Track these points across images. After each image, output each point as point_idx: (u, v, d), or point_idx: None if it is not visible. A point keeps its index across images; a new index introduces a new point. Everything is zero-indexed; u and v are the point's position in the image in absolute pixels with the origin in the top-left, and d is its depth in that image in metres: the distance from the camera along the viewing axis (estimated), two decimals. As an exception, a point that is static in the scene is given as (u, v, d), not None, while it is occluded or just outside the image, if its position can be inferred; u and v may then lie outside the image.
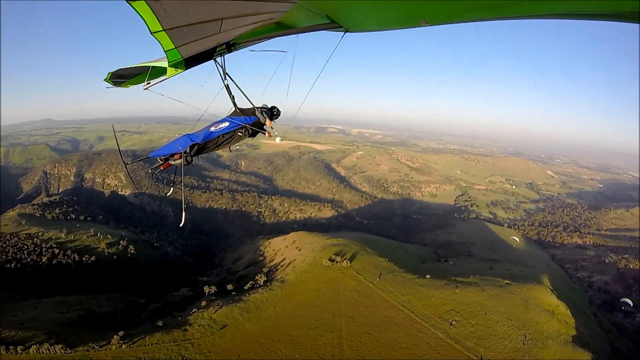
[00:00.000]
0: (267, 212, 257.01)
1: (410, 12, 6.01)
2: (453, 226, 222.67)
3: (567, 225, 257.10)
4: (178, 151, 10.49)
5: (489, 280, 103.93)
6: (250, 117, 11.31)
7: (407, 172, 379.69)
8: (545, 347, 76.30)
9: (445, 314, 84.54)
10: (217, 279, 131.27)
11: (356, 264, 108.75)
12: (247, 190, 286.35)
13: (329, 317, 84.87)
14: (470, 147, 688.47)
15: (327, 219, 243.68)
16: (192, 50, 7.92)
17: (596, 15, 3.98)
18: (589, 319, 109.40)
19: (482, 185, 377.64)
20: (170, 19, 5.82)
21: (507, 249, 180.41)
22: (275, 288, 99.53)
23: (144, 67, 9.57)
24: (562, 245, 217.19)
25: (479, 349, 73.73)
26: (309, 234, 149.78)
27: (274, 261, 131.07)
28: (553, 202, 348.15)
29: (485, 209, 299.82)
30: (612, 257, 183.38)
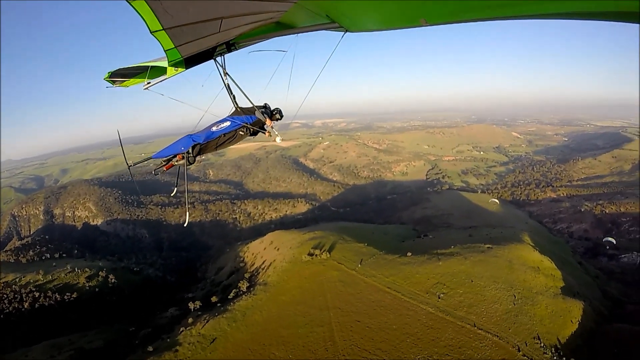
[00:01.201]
0: (242, 217, 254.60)
1: (410, 12, 5.98)
2: (428, 200, 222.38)
3: (539, 182, 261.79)
4: (180, 152, 10.57)
5: (471, 247, 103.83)
6: (251, 116, 11.33)
7: (376, 155, 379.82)
8: (536, 303, 76.50)
9: (431, 288, 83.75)
10: (203, 293, 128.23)
11: (336, 254, 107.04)
12: (219, 199, 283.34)
13: (317, 312, 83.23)
14: (434, 121, 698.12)
15: (302, 214, 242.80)
16: (192, 49, 8.09)
17: (596, 15, 3.93)
18: (574, 268, 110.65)
19: (450, 156, 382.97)
20: (170, 18, 5.86)
21: (485, 214, 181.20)
22: (258, 292, 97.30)
23: (144, 67, 9.63)
24: (537, 201, 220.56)
25: (470, 317, 73.25)
26: (285, 232, 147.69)
27: (254, 265, 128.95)
28: (522, 161, 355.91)
29: (457, 179, 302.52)
30: (587, 205, 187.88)
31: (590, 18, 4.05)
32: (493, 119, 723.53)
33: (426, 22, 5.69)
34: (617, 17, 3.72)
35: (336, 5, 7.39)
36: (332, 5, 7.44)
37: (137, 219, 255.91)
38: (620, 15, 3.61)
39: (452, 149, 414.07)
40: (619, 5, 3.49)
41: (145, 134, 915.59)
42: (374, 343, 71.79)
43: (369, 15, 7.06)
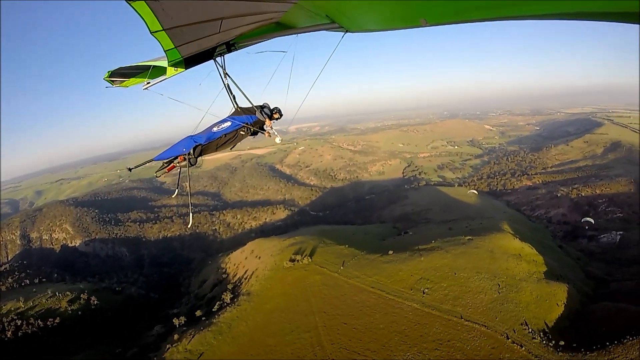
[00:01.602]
0: (222, 227, 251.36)
1: (411, 12, 6.01)
2: (406, 198, 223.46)
3: (514, 171, 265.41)
4: (182, 153, 10.64)
5: (451, 240, 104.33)
6: (252, 116, 11.38)
7: (351, 157, 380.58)
8: (521, 289, 77.30)
9: (415, 284, 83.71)
10: (187, 308, 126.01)
11: (317, 258, 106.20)
12: (197, 211, 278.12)
13: (302, 318, 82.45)
14: (407, 120, 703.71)
15: (282, 221, 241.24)
16: (192, 49, 8.12)
17: (596, 15, 3.94)
18: (556, 252, 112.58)
19: (425, 152, 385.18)
20: (169, 19, 5.91)
21: (463, 207, 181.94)
22: (242, 302, 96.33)
23: (144, 66, 9.63)
24: (514, 190, 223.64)
25: (457, 309, 73.50)
26: (265, 240, 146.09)
27: (237, 275, 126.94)
28: (496, 152, 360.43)
29: (433, 174, 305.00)
30: (563, 190, 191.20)
31: (590, 18, 4.03)
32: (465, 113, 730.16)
33: (426, 22, 5.70)
34: (617, 17, 3.71)
35: (336, 6, 7.42)
36: (332, 5, 7.48)
37: (116, 237, 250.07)
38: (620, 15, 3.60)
39: (426, 145, 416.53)
40: (619, 6, 3.52)
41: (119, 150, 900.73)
42: (362, 344, 71.34)
43: (369, 16, 7.08)
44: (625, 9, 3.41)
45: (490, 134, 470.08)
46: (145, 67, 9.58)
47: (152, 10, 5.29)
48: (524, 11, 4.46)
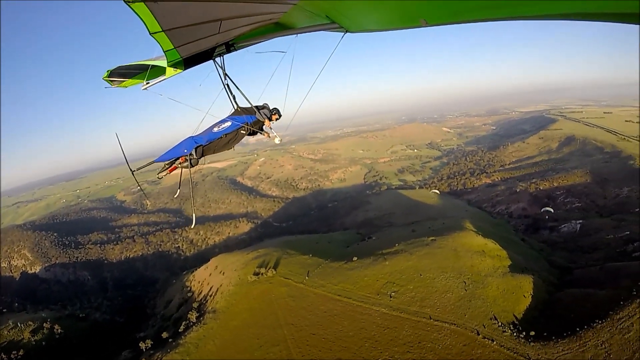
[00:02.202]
0: (185, 245, 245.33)
1: (410, 12, 6.05)
2: (368, 203, 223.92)
3: (473, 170, 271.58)
4: (183, 154, 10.74)
5: (415, 242, 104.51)
6: (251, 116, 11.56)
7: (312, 166, 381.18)
8: (487, 285, 78.12)
9: (382, 288, 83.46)
10: (154, 330, 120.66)
11: (282, 270, 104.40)
12: (159, 230, 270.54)
13: (270, 332, 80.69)
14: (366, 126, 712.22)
15: (246, 234, 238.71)
16: (191, 50, 8.19)
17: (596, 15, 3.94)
18: (519, 245, 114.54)
19: (385, 157, 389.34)
20: (169, 20, 5.94)
21: (425, 208, 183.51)
22: (209, 320, 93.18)
23: (144, 66, 9.57)
24: (474, 189, 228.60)
25: (425, 310, 73.61)
26: (229, 255, 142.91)
27: (202, 293, 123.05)
28: (455, 154, 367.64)
29: (394, 178, 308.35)
30: (522, 185, 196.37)
31: (590, 18, 4.01)
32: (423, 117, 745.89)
33: (426, 22, 5.70)
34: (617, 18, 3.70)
35: (336, 6, 7.40)
36: (332, 6, 7.47)
37: (77, 260, 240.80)
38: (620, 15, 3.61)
39: (386, 150, 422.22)
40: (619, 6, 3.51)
41: (78, 169, 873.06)
42: (332, 353, 70.55)
43: (370, 16, 7.07)
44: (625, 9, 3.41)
45: (448, 136, 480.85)
46: (145, 66, 9.48)
47: (152, 12, 5.26)
48: (523, 11, 4.45)
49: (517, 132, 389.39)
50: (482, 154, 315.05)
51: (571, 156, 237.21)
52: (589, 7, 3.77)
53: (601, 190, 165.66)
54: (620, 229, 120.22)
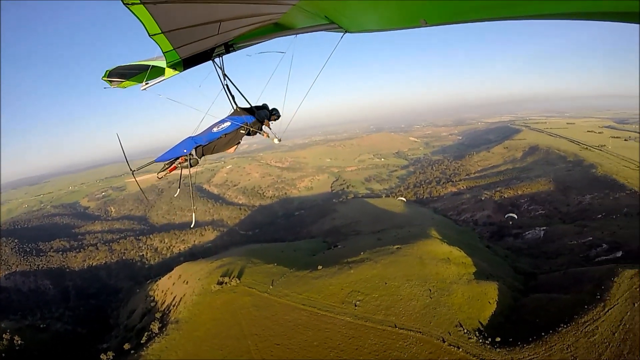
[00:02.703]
0: (150, 253, 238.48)
1: (410, 12, 6.08)
2: (335, 211, 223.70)
3: (439, 179, 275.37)
4: (183, 154, 10.94)
5: (380, 250, 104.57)
6: (251, 116, 11.56)
7: (279, 174, 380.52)
8: (452, 292, 78.35)
9: (347, 297, 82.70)
10: (117, 341, 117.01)
11: (246, 279, 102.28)
12: (123, 237, 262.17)
13: (234, 342, 78.96)
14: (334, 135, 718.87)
15: (212, 242, 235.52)
16: (190, 51, 8.28)
17: (596, 15, 4.00)
18: (484, 252, 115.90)
19: (353, 166, 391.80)
20: (168, 22, 5.97)
21: (392, 217, 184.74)
22: (171, 331, 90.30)
23: (143, 66, 9.62)
24: (440, 197, 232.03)
25: (390, 318, 73.14)
26: (193, 263, 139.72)
27: (165, 303, 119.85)
28: (421, 163, 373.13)
29: (361, 187, 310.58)
30: (487, 193, 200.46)
31: (590, 18, 4.08)
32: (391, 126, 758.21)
33: (426, 22, 5.72)
34: (617, 17, 3.76)
35: (336, 7, 7.42)
36: (332, 6, 7.48)
37: (38, 268, 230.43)
38: (620, 15, 3.65)
39: (354, 159, 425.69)
40: (619, 6, 3.56)
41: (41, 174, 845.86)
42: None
43: (369, 16, 7.09)
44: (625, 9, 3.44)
45: (415, 145, 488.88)
46: (144, 66, 9.45)
47: (151, 14, 5.25)
48: (523, 11, 4.48)
49: (483, 142, 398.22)
50: (448, 163, 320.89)
51: (535, 165, 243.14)
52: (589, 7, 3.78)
53: (564, 198, 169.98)
54: (583, 235, 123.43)
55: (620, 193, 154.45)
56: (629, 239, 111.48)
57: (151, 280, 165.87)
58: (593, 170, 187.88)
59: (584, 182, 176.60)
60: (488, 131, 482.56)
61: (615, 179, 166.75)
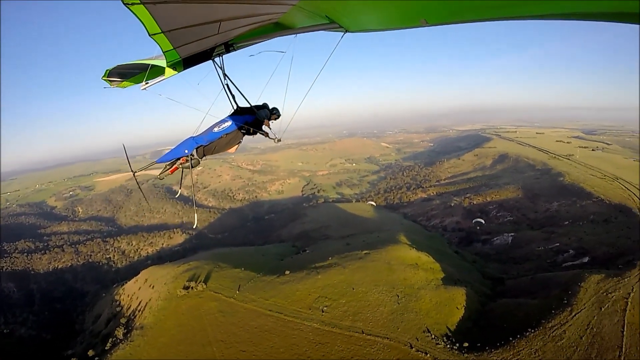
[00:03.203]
0: (117, 255, 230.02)
1: (410, 12, 6.11)
2: (305, 215, 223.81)
3: (410, 185, 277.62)
4: (184, 155, 11.04)
5: (348, 255, 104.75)
6: (251, 116, 11.64)
7: (250, 176, 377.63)
8: (420, 298, 78.68)
9: (314, 303, 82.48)
10: (82, 347, 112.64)
11: (212, 284, 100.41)
12: (89, 239, 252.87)
13: (199, 349, 77.45)
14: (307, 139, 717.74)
15: (180, 245, 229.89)
16: (190, 50, 8.36)
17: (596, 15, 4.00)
18: (452, 257, 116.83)
19: (324, 170, 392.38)
20: (168, 22, 6.01)
21: (361, 222, 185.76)
22: (136, 338, 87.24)
23: (143, 65, 9.53)
24: (410, 203, 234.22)
25: (357, 325, 73.10)
26: (159, 267, 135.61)
27: (131, 308, 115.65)
28: (392, 168, 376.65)
29: (332, 191, 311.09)
30: (456, 200, 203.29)
31: (590, 18, 4.07)
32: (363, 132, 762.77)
33: (426, 22, 5.76)
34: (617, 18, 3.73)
35: (336, 6, 7.46)
36: (332, 6, 7.52)
37: (2, 270, 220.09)
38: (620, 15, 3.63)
39: (325, 163, 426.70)
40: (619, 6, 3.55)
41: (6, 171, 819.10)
42: None
43: (369, 16, 7.12)
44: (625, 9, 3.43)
45: (387, 151, 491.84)
46: (144, 66, 9.33)
47: (151, 14, 5.27)
48: (524, 11, 4.48)
49: (454, 149, 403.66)
50: (419, 170, 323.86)
51: (504, 173, 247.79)
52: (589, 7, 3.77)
53: (532, 205, 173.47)
54: (551, 241, 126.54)
55: (587, 201, 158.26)
56: (595, 245, 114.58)
57: (118, 284, 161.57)
58: (561, 178, 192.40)
59: (552, 190, 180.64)
60: (459, 139, 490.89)
61: (583, 187, 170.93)
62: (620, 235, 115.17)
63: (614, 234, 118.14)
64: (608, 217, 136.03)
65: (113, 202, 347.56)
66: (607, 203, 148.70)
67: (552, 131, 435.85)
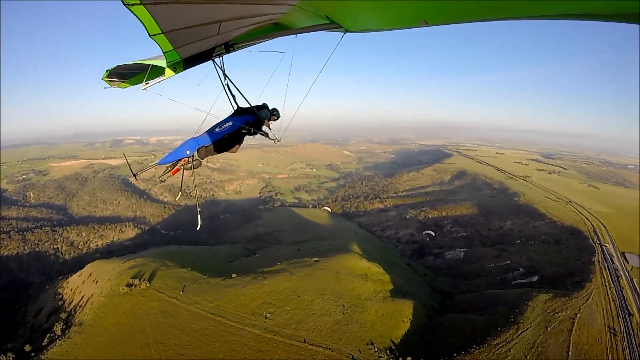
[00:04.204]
0: (65, 246, 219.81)
1: (410, 12, 6.10)
2: (260, 218, 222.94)
3: (367, 195, 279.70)
4: (186, 156, 10.88)
5: (297, 262, 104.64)
6: (252, 116, 11.54)
7: (209, 174, 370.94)
8: (366, 309, 78.51)
9: (258, 308, 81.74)
10: (22, 341, 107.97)
11: (157, 282, 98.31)
12: (38, 226, 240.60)
13: (137, 351, 75.31)
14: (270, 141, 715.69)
15: (131, 240, 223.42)
16: (190, 51, 8.31)
17: (596, 15, 4.03)
18: (403, 269, 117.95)
19: (284, 174, 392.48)
20: (168, 22, 5.99)
21: (316, 228, 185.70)
22: (73, 334, 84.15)
23: (144, 65, 9.42)
24: (367, 212, 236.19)
25: (300, 333, 72.44)
26: (105, 262, 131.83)
27: (73, 303, 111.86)
28: (352, 177, 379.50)
29: (289, 196, 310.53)
30: (412, 212, 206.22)
31: (590, 18, 4.09)
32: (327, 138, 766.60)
33: (426, 22, 5.75)
34: (617, 18, 3.77)
35: (336, 6, 7.44)
36: (332, 6, 7.50)
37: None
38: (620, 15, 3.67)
39: (286, 167, 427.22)
40: (619, 6, 3.57)
41: None
42: None
43: (369, 16, 7.05)
44: (625, 9, 3.45)
45: (348, 159, 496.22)
46: (144, 66, 9.14)
47: (151, 15, 5.24)
48: (524, 11, 4.48)
49: (414, 162, 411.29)
50: (378, 180, 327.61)
51: (461, 189, 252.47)
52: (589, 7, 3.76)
53: (486, 222, 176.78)
54: (502, 259, 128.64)
55: (539, 221, 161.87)
56: (545, 264, 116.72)
57: (63, 276, 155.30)
58: (516, 198, 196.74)
59: (506, 209, 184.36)
60: (421, 152, 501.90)
61: (536, 208, 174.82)
62: (570, 256, 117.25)
63: (564, 255, 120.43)
64: (559, 239, 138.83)
65: (66, 189, 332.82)
66: (559, 225, 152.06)
67: (512, 152, 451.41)
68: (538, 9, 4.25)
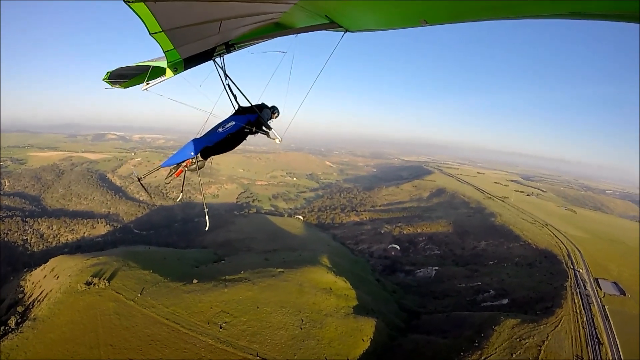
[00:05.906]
0: (35, 238, 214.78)
1: (410, 12, 6.13)
2: (233, 224, 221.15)
3: (344, 207, 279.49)
4: (190, 157, 10.82)
5: (262, 272, 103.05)
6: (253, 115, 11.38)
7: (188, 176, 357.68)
8: (325, 325, 77.02)
9: (214, 317, 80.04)
10: None
11: (116, 283, 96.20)
12: (9, 216, 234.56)
13: (86, 351, 73.46)
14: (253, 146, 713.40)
15: (102, 237, 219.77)
16: (191, 50, 8.32)
17: (596, 15, 4.06)
18: (372, 285, 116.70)
19: (264, 180, 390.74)
20: (169, 20, 6.00)
21: (288, 238, 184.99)
22: (26, 329, 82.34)
23: (144, 67, 9.61)
24: (342, 224, 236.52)
25: (253, 346, 70.77)
26: (69, 258, 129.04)
27: (32, 297, 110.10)
28: (331, 188, 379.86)
29: (267, 203, 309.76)
30: (388, 227, 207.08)
31: (590, 18, 4.12)
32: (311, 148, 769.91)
33: (426, 22, 5.79)
34: (617, 17, 3.80)
35: (336, 6, 7.47)
36: (332, 5, 7.53)
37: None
38: (620, 15, 3.70)
39: (266, 173, 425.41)
40: (619, 6, 3.61)
41: None
42: None
43: (369, 16, 7.13)
44: (625, 9, 3.48)
45: (329, 170, 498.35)
46: (145, 67, 9.31)
47: (152, 12, 5.23)
48: (524, 11, 4.49)
49: (395, 177, 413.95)
50: (357, 193, 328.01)
51: (439, 206, 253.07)
52: (589, 7, 3.77)
53: (460, 241, 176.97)
54: (473, 279, 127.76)
55: (514, 243, 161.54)
56: (516, 287, 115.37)
57: (28, 269, 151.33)
58: (492, 218, 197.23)
59: (482, 229, 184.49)
60: (402, 168, 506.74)
61: (512, 230, 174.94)
62: (542, 280, 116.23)
63: (536, 278, 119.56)
64: (533, 261, 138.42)
65: (42, 180, 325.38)
66: (533, 247, 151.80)
67: (493, 173, 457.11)
68: (538, 9, 4.22)
